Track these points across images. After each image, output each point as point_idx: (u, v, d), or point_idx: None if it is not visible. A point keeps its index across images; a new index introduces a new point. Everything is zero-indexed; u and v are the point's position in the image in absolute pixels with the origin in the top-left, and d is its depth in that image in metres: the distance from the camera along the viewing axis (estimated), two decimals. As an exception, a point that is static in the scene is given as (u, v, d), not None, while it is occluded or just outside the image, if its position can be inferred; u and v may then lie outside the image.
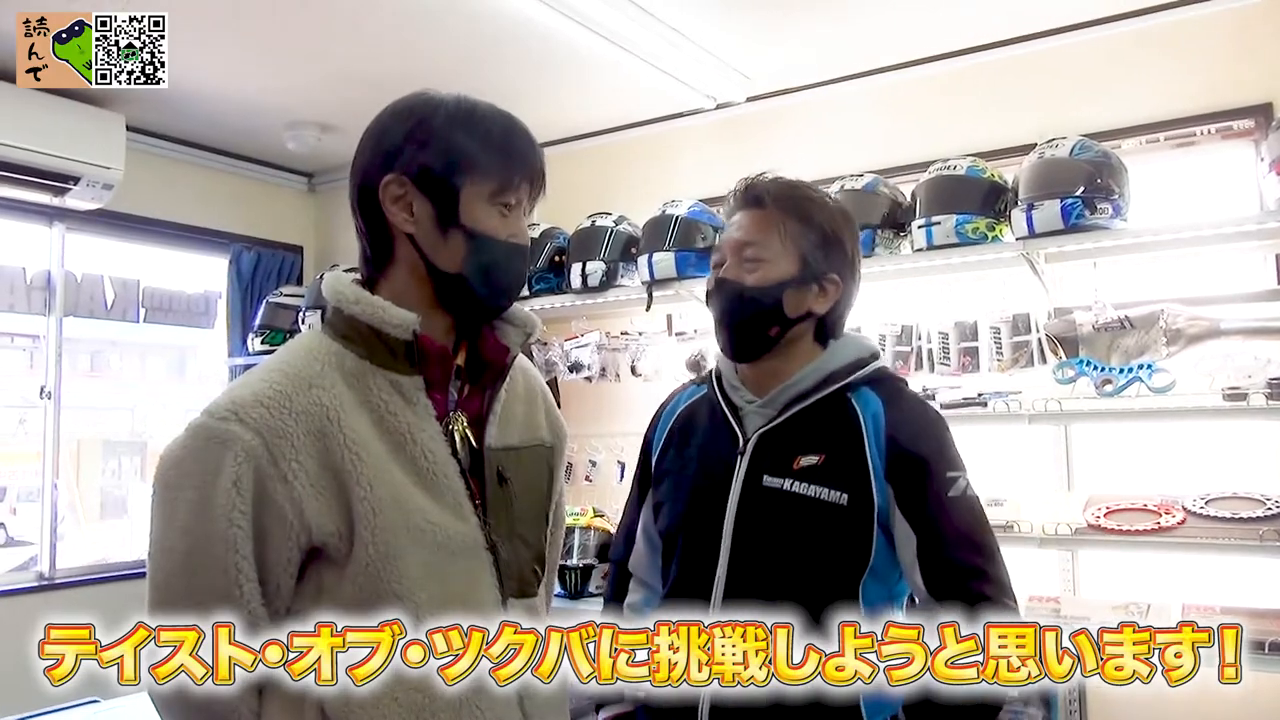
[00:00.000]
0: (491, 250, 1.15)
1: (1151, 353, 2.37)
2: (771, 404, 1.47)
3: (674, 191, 3.15)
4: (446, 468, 1.14)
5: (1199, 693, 2.52)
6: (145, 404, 6.91)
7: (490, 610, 1.15)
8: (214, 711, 1.08)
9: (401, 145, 1.14)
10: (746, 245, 1.46)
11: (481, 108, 1.18)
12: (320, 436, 1.07)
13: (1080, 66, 2.83)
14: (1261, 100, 2.58)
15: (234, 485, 1.03)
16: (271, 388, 1.09)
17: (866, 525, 1.37)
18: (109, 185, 3.30)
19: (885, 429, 1.40)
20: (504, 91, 3.19)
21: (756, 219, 1.47)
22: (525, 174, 1.17)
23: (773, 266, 1.44)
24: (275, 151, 3.95)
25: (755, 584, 1.39)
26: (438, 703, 1.10)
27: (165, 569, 1.07)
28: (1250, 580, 2.41)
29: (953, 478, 1.39)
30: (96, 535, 5.94)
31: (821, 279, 1.45)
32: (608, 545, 3.04)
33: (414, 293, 1.16)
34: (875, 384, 1.46)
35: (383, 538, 1.07)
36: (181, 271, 4.09)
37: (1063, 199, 2.35)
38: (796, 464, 1.41)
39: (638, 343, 3.26)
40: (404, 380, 1.14)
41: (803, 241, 1.44)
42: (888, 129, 3.13)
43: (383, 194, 1.14)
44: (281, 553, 1.07)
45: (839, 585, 1.38)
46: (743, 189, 1.51)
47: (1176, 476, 2.51)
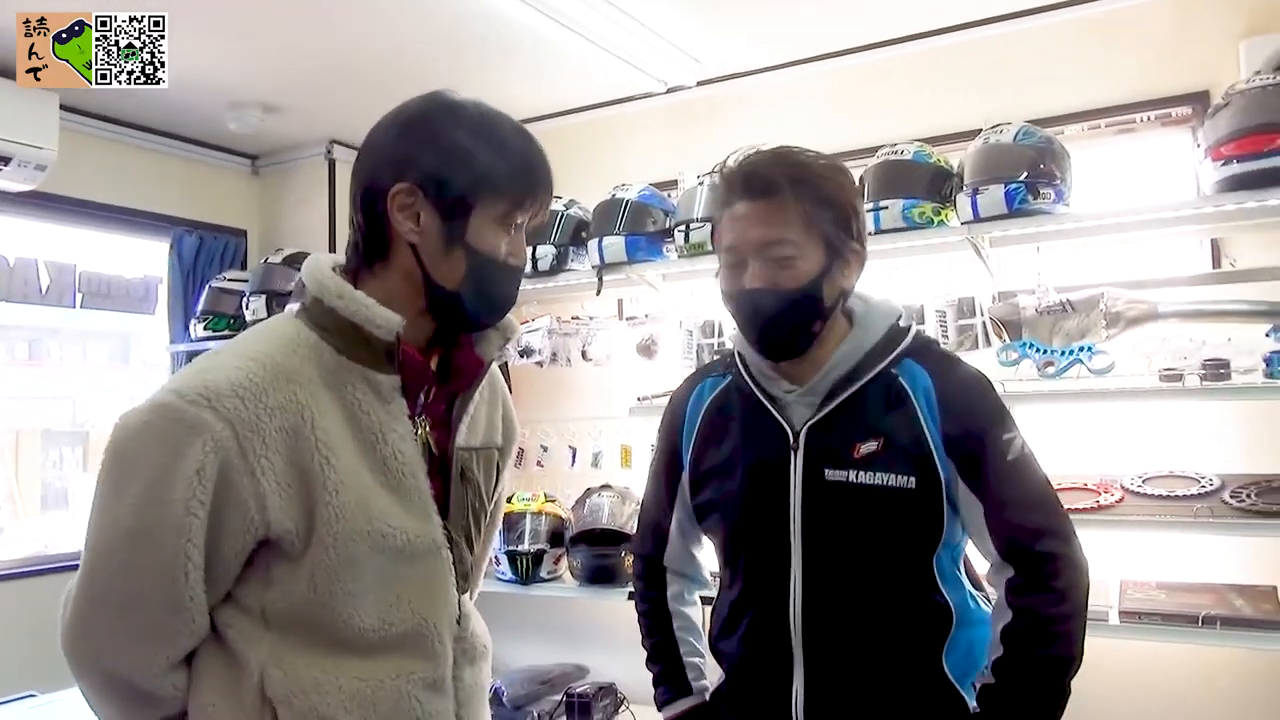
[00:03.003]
0: (490, 270, 1.15)
1: (1092, 335, 2.42)
2: (814, 391, 1.41)
3: (624, 175, 3.14)
4: (414, 468, 1.15)
5: (1139, 665, 2.61)
6: (87, 393, 6.73)
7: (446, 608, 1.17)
8: (135, 685, 1.09)
9: (417, 154, 1.11)
10: (772, 244, 1.35)
11: (504, 127, 1.16)
12: (293, 435, 1.06)
13: (1025, 53, 2.87)
14: (1199, 88, 2.64)
15: (197, 474, 1.02)
16: (248, 377, 1.06)
17: (937, 503, 1.36)
18: (42, 166, 3.19)
19: (938, 403, 1.37)
20: (454, 74, 3.15)
21: (773, 211, 1.35)
22: (538, 198, 1.17)
23: (805, 261, 1.35)
24: (217, 132, 3.85)
25: (833, 580, 1.38)
26: (379, 692, 1.11)
27: (107, 541, 1.06)
28: (1185, 556, 2.48)
29: (1009, 440, 1.38)
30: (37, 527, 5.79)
31: (845, 254, 1.39)
32: (559, 531, 3.03)
33: (404, 297, 1.14)
34: (918, 355, 1.42)
35: (343, 542, 1.07)
36: (120, 256, 3.98)
37: (1007, 184, 2.38)
38: (856, 452, 1.36)
39: (589, 327, 3.25)
40: (381, 379, 1.13)
41: (824, 224, 1.36)
42: (836, 114, 3.14)
43: (390, 200, 1.11)
44: (236, 543, 1.07)
45: (914, 566, 1.38)
46: (746, 176, 1.39)
47: (1115, 456, 2.57)
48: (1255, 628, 2.18)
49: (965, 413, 1.38)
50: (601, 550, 2.91)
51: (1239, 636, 2.20)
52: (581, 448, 3.28)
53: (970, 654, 1.40)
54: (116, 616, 1.07)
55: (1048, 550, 1.35)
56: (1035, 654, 1.33)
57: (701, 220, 2.77)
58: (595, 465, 3.23)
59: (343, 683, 1.09)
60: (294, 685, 1.08)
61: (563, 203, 3.13)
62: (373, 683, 1.10)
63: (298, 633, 1.10)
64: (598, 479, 3.15)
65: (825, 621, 1.38)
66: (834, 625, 1.37)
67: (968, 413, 1.38)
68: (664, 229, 2.96)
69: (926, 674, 1.38)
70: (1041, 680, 1.33)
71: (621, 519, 2.90)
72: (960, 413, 1.37)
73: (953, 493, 1.37)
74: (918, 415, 1.37)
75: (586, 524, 2.96)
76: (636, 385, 2.93)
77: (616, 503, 2.97)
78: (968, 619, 1.40)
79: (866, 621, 1.37)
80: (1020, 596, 1.35)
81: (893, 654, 1.38)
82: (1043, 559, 1.35)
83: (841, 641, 1.38)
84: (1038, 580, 1.34)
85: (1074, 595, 1.35)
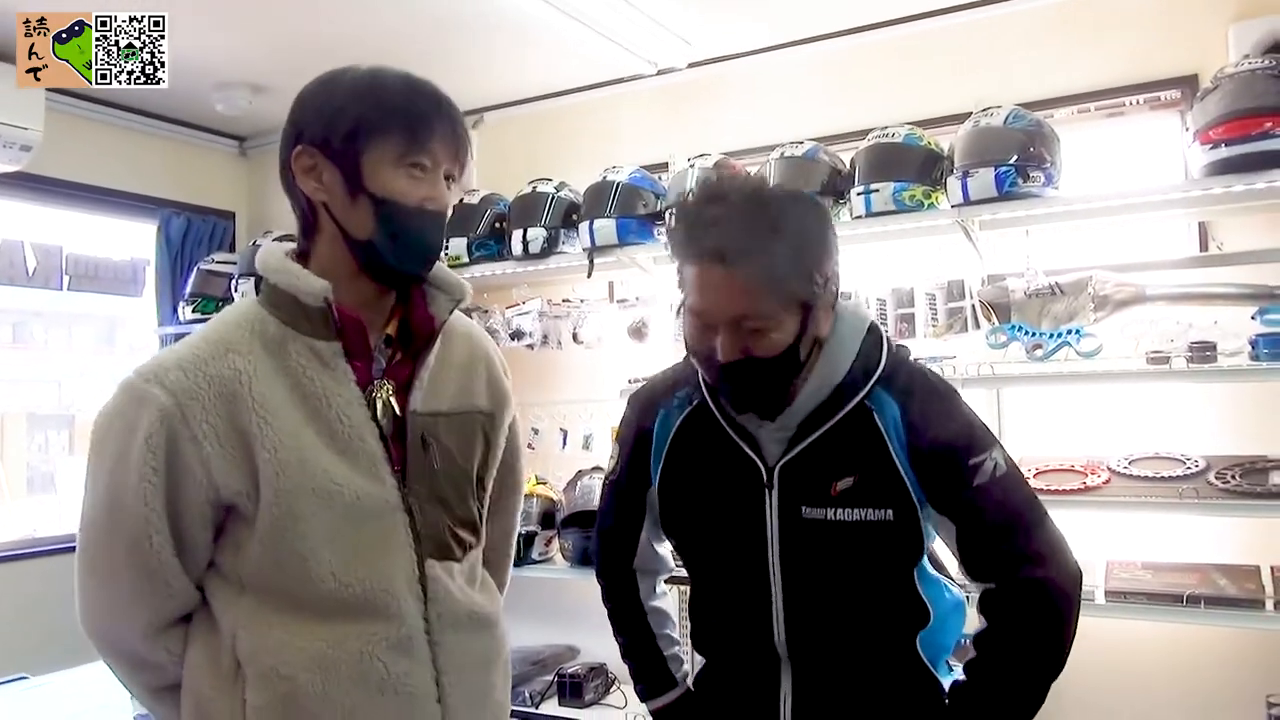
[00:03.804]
0: (400, 215, 1.16)
1: (1080, 318, 2.43)
2: (785, 427, 1.37)
3: (615, 158, 3.13)
4: (363, 431, 1.17)
5: (1122, 643, 2.64)
6: (73, 376, 6.69)
7: (403, 569, 1.18)
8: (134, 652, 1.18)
9: (308, 117, 1.17)
10: (744, 318, 1.26)
11: (386, 74, 1.19)
12: (230, 400, 1.12)
13: (1015, 36, 2.86)
14: (1188, 72, 2.64)
15: (146, 441, 1.09)
16: (192, 352, 1.14)
17: (915, 529, 1.36)
18: (27, 146, 3.16)
19: (907, 435, 1.34)
20: (444, 56, 3.12)
21: (737, 284, 1.24)
22: (430, 133, 1.16)
23: (780, 326, 1.27)
24: (204, 113, 3.82)
25: (815, 604, 1.38)
26: (339, 652, 1.14)
27: (91, 514, 1.15)
28: (1171, 537, 2.50)
29: (979, 463, 1.34)
30: (23, 511, 5.77)
31: (820, 304, 1.31)
32: (550, 513, 3.04)
33: (338, 261, 1.18)
34: (889, 384, 1.37)
35: (286, 499, 1.12)
36: (107, 238, 3.95)
37: (997, 167, 2.38)
38: (834, 490, 1.35)
39: (579, 310, 3.24)
40: (322, 346, 1.17)
41: (796, 284, 1.26)
42: (827, 96, 3.14)
43: (294, 165, 1.17)
44: (193, 507, 1.13)
45: (896, 580, 1.40)
46: (708, 245, 1.25)
47: (1102, 438, 2.59)
48: (1239, 606, 2.21)
49: (933, 439, 1.34)
50: (592, 532, 2.92)
51: (1223, 615, 2.23)
52: (572, 430, 3.28)
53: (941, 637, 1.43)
54: (103, 586, 1.15)
55: (1026, 576, 1.34)
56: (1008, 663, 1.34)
57: (692, 203, 2.76)
58: (586, 448, 3.23)
59: (304, 644, 1.13)
60: (259, 646, 1.13)
61: (553, 185, 3.12)
62: (334, 643, 1.14)
63: (267, 596, 1.15)
64: (588, 461, 3.16)
65: (810, 636, 1.39)
66: (817, 633, 1.39)
67: (935, 439, 1.35)
68: (655, 212, 2.95)
69: (902, 659, 1.41)
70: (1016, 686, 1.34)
71: (612, 501, 2.91)
72: (928, 440, 1.34)
73: (930, 514, 1.38)
74: (888, 447, 1.35)
75: (578, 506, 2.98)
76: (627, 368, 2.93)
77: (607, 485, 2.98)
78: (942, 609, 1.43)
79: (849, 627, 1.39)
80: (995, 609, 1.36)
81: (873, 650, 1.40)
82: (1019, 583, 1.34)
83: (826, 647, 1.40)
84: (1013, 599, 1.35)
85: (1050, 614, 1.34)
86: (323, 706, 1.13)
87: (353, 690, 1.14)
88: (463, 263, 3.16)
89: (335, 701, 1.13)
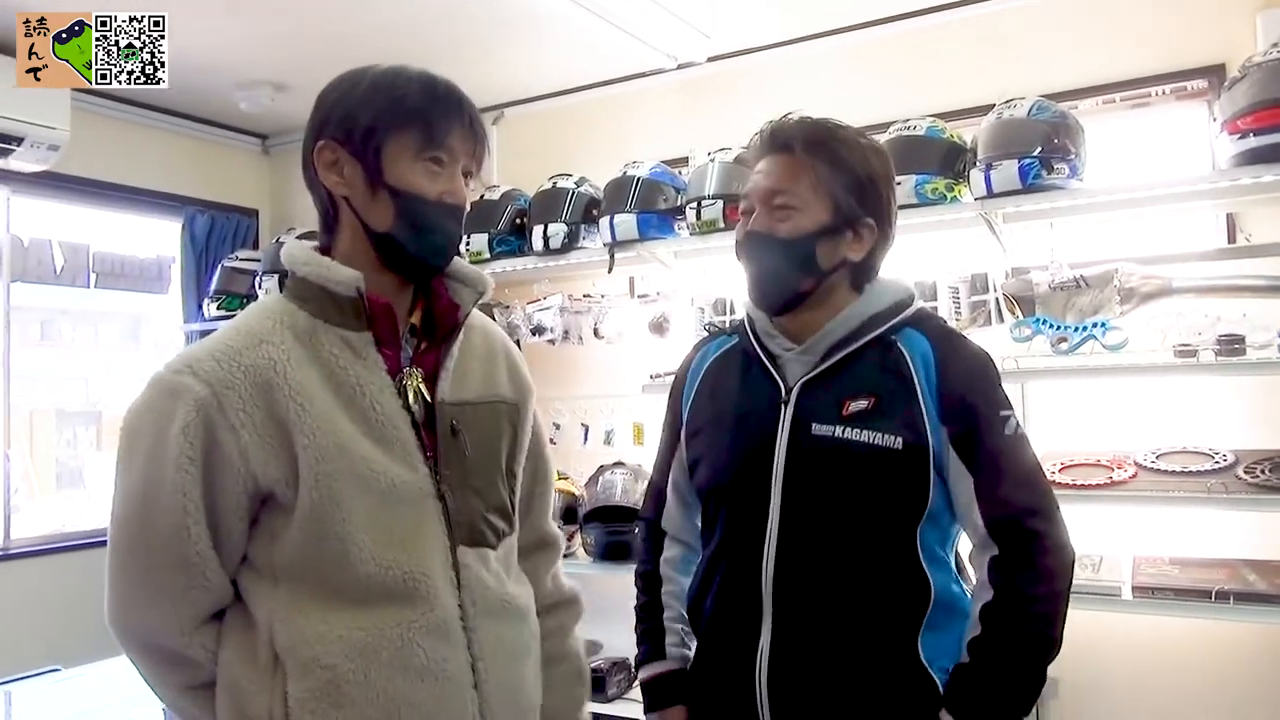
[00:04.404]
0: (419, 208, 1.18)
1: (1106, 311, 2.41)
2: (812, 350, 1.42)
3: (635, 152, 3.12)
4: (396, 419, 1.19)
5: (1150, 640, 2.61)
6: (99, 373, 6.77)
7: (437, 555, 1.19)
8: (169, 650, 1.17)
9: (331, 112, 1.19)
10: (776, 193, 1.39)
11: (407, 72, 1.21)
12: (267, 388, 1.13)
13: (1039, 27, 2.84)
14: (1215, 61, 2.61)
15: (183, 432, 1.10)
16: (224, 344, 1.15)
17: (923, 469, 1.35)
18: (55, 146, 3.21)
19: (937, 370, 1.36)
20: (463, 51, 3.13)
21: (785, 165, 1.40)
22: (448, 129, 1.19)
23: (804, 215, 1.38)
24: (227, 112, 3.86)
25: (809, 538, 1.37)
26: (380, 640, 1.14)
27: (124, 510, 1.14)
28: (1199, 532, 2.48)
29: (1005, 417, 1.37)
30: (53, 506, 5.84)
31: (856, 224, 1.40)
32: (572, 508, 3.05)
33: (360, 254, 1.20)
34: (920, 324, 1.42)
35: (326, 482, 1.12)
36: (133, 236, 4.00)
37: (1020, 159, 2.36)
38: (846, 409, 1.37)
39: (600, 305, 3.25)
40: (353, 336, 1.19)
41: (834, 186, 1.38)
42: (848, 89, 3.12)
43: (317, 160, 1.19)
44: (230, 497, 1.13)
45: (895, 534, 1.37)
46: (768, 133, 1.44)
47: (1129, 432, 2.57)
48: (1269, 602, 2.18)
49: (965, 383, 1.37)
50: (615, 527, 2.93)
51: (1252, 611, 2.20)
52: (594, 425, 3.29)
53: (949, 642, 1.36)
54: (139, 582, 1.15)
55: (1035, 528, 1.34)
56: (1013, 633, 1.32)
57: (713, 197, 2.77)
58: (608, 443, 3.24)
59: (343, 632, 1.13)
60: (298, 637, 1.13)
61: (573, 180, 3.12)
62: (373, 632, 1.14)
63: (303, 586, 1.15)
64: (610, 456, 3.17)
65: (797, 579, 1.36)
66: (805, 583, 1.36)
67: (967, 384, 1.37)
68: (675, 206, 2.95)
69: (899, 651, 1.35)
70: (1017, 660, 1.32)
71: (634, 496, 2.91)
72: (960, 382, 1.37)
73: (943, 462, 1.36)
74: (914, 380, 1.37)
75: (600, 501, 2.98)
76: (648, 363, 2.93)
77: (629, 480, 2.98)
78: (950, 604, 1.37)
79: (839, 583, 1.36)
80: (1002, 574, 1.34)
81: (865, 621, 1.35)
82: (1029, 536, 1.34)
83: (812, 601, 1.36)
84: (1022, 557, 1.33)
85: (1057, 577, 1.34)
86: (365, 694, 1.13)
87: (394, 677, 1.14)
88: (484, 259, 3.17)
89: (377, 688, 1.14)
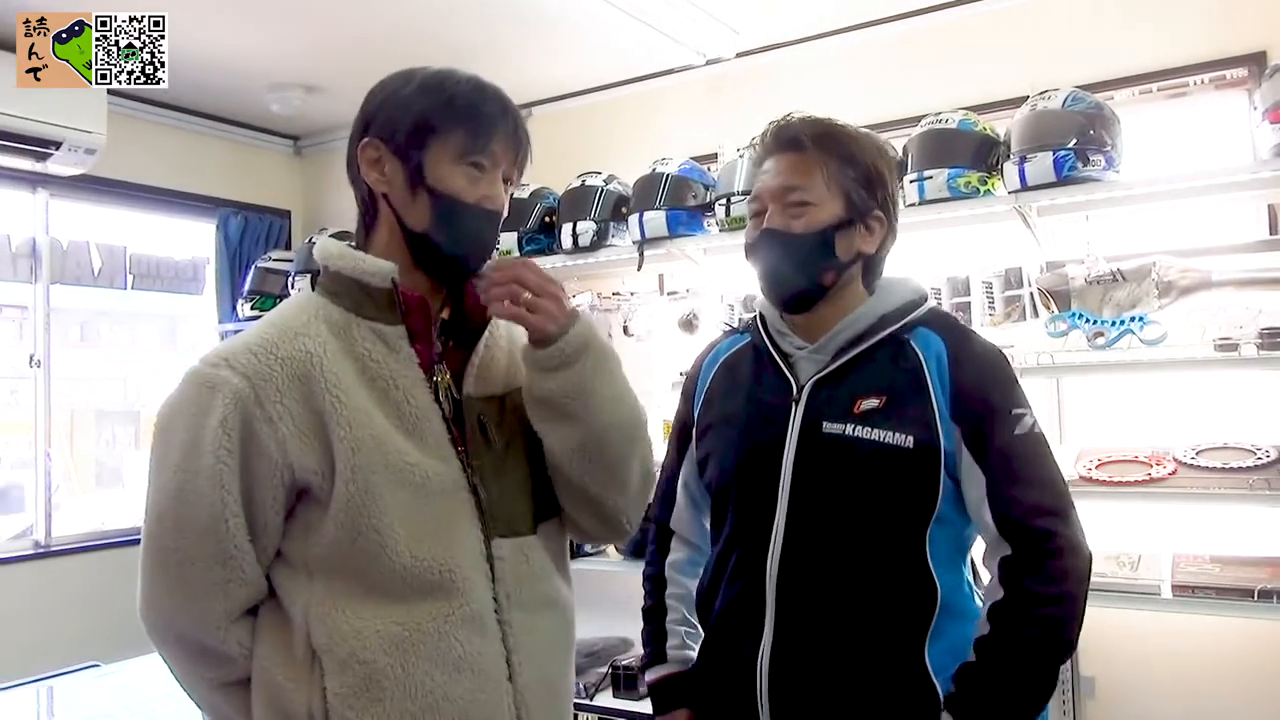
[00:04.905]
0: (458, 211, 1.19)
1: (1143, 305, 2.37)
2: (824, 349, 1.42)
3: (664, 149, 3.12)
4: (429, 412, 1.20)
5: (1190, 639, 2.57)
6: (137, 374, 6.88)
7: (471, 547, 1.20)
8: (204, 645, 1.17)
9: (376, 111, 1.21)
10: (789, 190, 1.40)
11: (454, 74, 1.22)
12: (304, 381, 1.14)
13: (1073, 17, 2.80)
14: (1255, 49, 2.56)
15: (221, 425, 1.10)
16: (260, 337, 1.16)
17: (933, 469, 1.33)
18: (91, 150, 3.26)
19: (950, 369, 1.36)
20: (491, 50, 3.14)
21: (796, 162, 1.41)
22: (492, 134, 1.20)
23: (819, 210, 1.39)
24: (259, 114, 3.90)
25: (815, 537, 1.35)
26: (417, 635, 1.15)
27: (160, 504, 1.15)
28: (1240, 529, 2.43)
29: (1019, 415, 1.35)
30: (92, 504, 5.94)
31: (867, 217, 1.41)
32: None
33: (394, 252, 1.21)
34: (933, 323, 1.42)
35: (362, 475, 1.13)
36: (168, 237, 4.05)
37: (1055, 151, 2.33)
38: (857, 408, 1.36)
39: (630, 303, 3.25)
40: (387, 330, 1.19)
41: (846, 180, 1.40)
42: (878, 83, 3.10)
43: (360, 156, 1.20)
44: (267, 490, 1.13)
45: (903, 535, 1.34)
46: (775, 131, 1.46)
47: (1168, 428, 2.53)
48: (1313, 601, 2.14)
49: (978, 381, 1.36)
50: (645, 524, 2.93)
51: (1296, 610, 2.16)
52: (623, 423, 3.28)
53: (957, 650, 1.32)
54: (175, 577, 1.15)
55: (1047, 528, 1.30)
56: (1020, 634, 1.28)
57: (742, 194, 2.75)
58: (637, 440, 3.24)
59: (380, 626, 1.14)
60: (335, 632, 1.13)
61: (602, 178, 3.13)
62: (410, 626, 1.14)
63: (338, 581, 1.15)
64: (640, 454, 3.16)
65: (801, 577, 1.34)
66: (809, 582, 1.34)
67: (980, 382, 1.36)
68: (705, 203, 2.94)
69: (901, 655, 1.32)
70: (1023, 662, 1.28)
71: (664, 493, 2.91)
72: (973, 380, 1.35)
73: (955, 462, 1.34)
74: (926, 379, 1.36)
75: (630, 498, 2.98)
76: (678, 360, 2.92)
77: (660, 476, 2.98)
78: (958, 609, 1.34)
79: (843, 583, 1.34)
80: (1013, 574, 1.31)
81: (867, 622, 1.33)
82: (1041, 536, 1.30)
83: (814, 601, 1.34)
84: (1033, 558, 1.30)
85: (1070, 578, 1.30)
86: (403, 688, 1.13)
87: (432, 670, 1.15)
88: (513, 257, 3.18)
89: (416, 682, 1.14)
